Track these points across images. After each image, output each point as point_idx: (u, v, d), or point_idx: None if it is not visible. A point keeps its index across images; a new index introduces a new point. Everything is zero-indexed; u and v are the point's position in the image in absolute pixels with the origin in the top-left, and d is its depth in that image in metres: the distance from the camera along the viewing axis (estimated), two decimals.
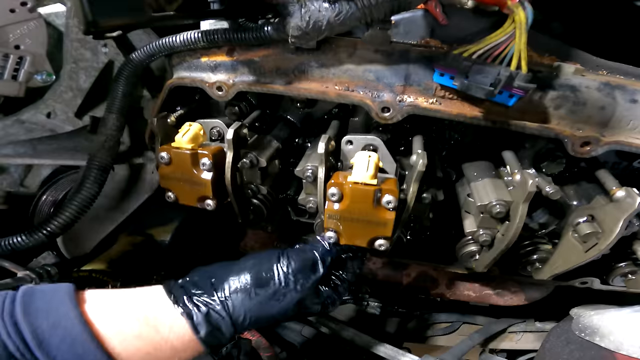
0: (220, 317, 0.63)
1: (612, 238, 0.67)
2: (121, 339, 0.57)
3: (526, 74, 0.58)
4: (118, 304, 0.61)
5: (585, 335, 0.88)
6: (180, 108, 0.88)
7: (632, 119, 0.66)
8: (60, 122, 0.82)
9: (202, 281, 0.66)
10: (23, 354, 0.50)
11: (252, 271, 0.67)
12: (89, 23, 0.57)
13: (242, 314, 0.64)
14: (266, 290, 0.66)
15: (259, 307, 0.65)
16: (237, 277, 0.66)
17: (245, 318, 0.65)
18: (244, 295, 0.65)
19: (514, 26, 0.56)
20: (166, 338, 0.60)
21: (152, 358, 0.59)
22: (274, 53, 0.77)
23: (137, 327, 0.59)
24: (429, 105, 0.71)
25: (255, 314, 0.65)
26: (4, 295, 0.54)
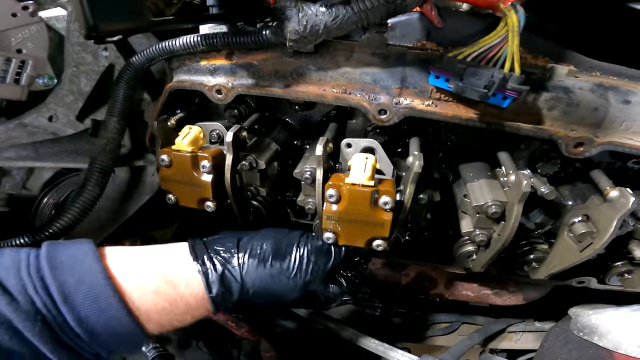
0: (234, 279, 0.64)
1: (606, 237, 0.68)
2: (140, 293, 0.58)
3: (519, 76, 0.59)
4: (138, 259, 0.62)
5: (584, 335, 0.88)
6: (180, 111, 0.89)
7: (625, 119, 0.67)
8: (61, 125, 0.83)
9: (227, 241, 0.68)
10: (49, 310, 0.51)
11: (274, 242, 0.68)
12: (90, 28, 0.58)
13: (253, 281, 0.65)
14: (281, 264, 0.67)
15: (269, 279, 0.66)
16: (260, 243, 0.68)
17: (254, 286, 0.65)
18: (259, 263, 0.65)
19: (507, 29, 0.57)
20: (182, 294, 0.61)
21: (168, 313, 0.61)
22: (273, 56, 0.78)
23: (155, 282, 0.60)
24: (425, 108, 0.72)
25: (264, 285, 0.66)
26: (27, 252, 0.55)
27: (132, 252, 0.64)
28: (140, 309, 0.58)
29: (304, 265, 0.68)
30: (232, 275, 0.65)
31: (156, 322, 0.60)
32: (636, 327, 0.82)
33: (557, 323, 1.04)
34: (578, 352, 0.90)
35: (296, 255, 0.69)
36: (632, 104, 0.67)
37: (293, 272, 0.68)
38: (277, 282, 0.67)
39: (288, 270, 0.68)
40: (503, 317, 1.29)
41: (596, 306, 1.00)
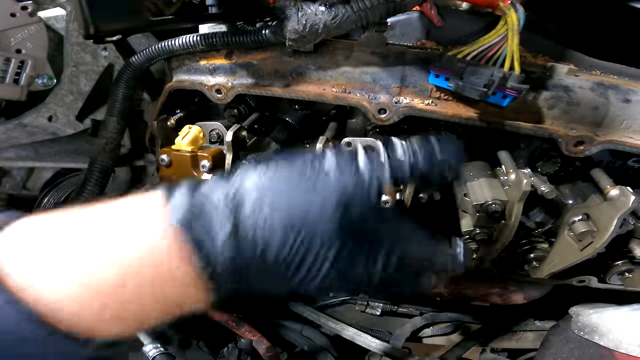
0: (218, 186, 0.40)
1: (606, 236, 0.67)
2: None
3: (519, 75, 0.59)
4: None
5: (585, 334, 0.88)
6: (180, 111, 0.89)
7: (625, 118, 0.67)
8: (61, 125, 0.83)
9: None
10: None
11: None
12: (89, 27, 0.58)
13: (253, 187, 0.39)
14: (295, 172, 0.41)
15: (282, 186, 0.40)
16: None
17: (257, 201, 0.39)
18: (262, 171, 0.41)
19: (507, 28, 0.57)
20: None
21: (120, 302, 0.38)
22: (272, 56, 0.78)
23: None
24: (424, 107, 0.71)
25: (276, 200, 0.39)
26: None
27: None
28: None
29: (332, 173, 0.41)
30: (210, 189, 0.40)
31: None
32: (637, 327, 0.82)
33: (557, 322, 1.04)
34: (579, 351, 0.90)
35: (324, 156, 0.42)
36: (633, 102, 0.67)
37: (315, 180, 0.40)
38: (297, 198, 0.39)
39: (308, 179, 0.40)
40: (504, 317, 1.29)
41: (597, 305, 1.00)
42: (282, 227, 0.39)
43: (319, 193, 0.40)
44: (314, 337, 1.24)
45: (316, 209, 0.39)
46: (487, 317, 1.31)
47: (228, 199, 0.39)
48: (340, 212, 0.40)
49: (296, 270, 0.40)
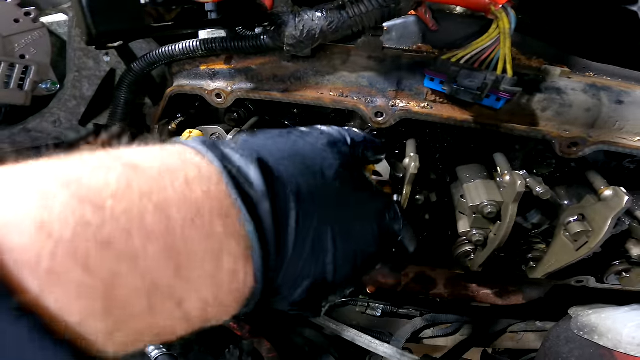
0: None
1: (601, 236, 0.68)
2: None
3: (512, 78, 0.60)
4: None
5: (584, 334, 0.89)
6: (181, 115, 0.91)
7: (618, 119, 0.68)
8: (65, 130, 0.84)
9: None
10: None
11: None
12: (91, 34, 0.59)
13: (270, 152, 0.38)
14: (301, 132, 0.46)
15: (291, 143, 0.42)
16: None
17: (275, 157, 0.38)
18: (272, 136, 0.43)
19: (499, 31, 0.58)
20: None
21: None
22: (271, 61, 0.79)
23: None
24: (420, 110, 0.73)
25: (289, 152, 0.40)
26: None
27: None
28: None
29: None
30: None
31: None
32: (635, 326, 0.82)
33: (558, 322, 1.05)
34: (579, 351, 0.90)
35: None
36: (625, 104, 0.67)
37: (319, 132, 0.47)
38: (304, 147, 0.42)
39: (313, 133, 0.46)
40: (504, 317, 1.29)
41: (596, 306, 1.00)
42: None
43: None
44: (315, 339, 1.25)
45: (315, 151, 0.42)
46: (488, 318, 1.31)
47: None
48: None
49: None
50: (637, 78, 0.71)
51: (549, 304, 1.18)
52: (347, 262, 0.42)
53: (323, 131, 0.48)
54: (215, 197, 0.32)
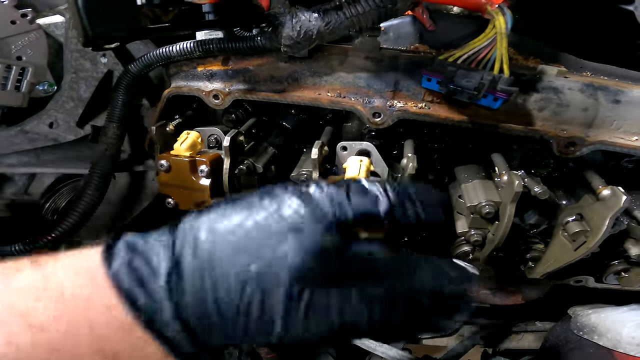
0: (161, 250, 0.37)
1: (599, 236, 0.68)
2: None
3: (508, 78, 0.60)
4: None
5: (584, 334, 0.88)
6: (179, 117, 0.91)
7: (615, 119, 0.68)
8: (62, 131, 0.84)
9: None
10: None
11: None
12: (88, 35, 0.59)
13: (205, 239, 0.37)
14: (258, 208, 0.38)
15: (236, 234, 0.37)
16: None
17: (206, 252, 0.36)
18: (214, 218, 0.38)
19: (495, 31, 0.58)
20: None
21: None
22: (268, 62, 0.79)
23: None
24: (418, 110, 0.73)
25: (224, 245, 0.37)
26: None
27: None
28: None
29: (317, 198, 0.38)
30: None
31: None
32: (634, 326, 0.82)
33: (557, 323, 1.05)
34: (579, 351, 0.90)
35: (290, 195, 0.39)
36: (622, 103, 0.67)
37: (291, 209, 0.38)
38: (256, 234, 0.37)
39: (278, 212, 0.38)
40: (504, 318, 1.29)
41: (595, 306, 1.00)
42: (234, 274, 0.36)
43: (271, 238, 0.36)
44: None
45: (268, 254, 0.36)
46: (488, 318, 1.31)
47: (169, 245, 0.38)
48: (297, 259, 0.36)
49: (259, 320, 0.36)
50: (634, 77, 0.71)
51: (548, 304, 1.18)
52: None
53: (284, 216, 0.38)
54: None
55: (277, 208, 0.38)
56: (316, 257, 0.37)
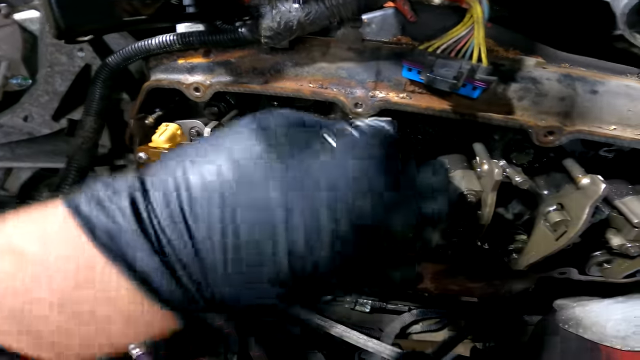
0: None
1: (580, 225, 0.69)
2: None
3: (487, 67, 0.60)
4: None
5: (569, 327, 0.89)
6: (160, 109, 0.89)
7: (593, 108, 0.68)
8: (37, 125, 0.82)
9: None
10: None
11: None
12: (60, 27, 0.58)
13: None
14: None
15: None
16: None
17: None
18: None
19: (473, 20, 0.58)
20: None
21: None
22: (250, 54, 0.78)
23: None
24: (399, 100, 0.72)
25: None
26: None
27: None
28: None
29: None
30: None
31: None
32: (619, 319, 0.82)
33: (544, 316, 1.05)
34: (564, 344, 0.90)
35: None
36: (600, 93, 0.68)
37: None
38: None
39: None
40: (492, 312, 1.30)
41: (580, 298, 1.01)
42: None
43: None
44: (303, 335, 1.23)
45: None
46: (476, 313, 1.32)
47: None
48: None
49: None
50: (611, 69, 0.72)
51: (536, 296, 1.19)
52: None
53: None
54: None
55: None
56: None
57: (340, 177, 0.34)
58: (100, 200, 0.33)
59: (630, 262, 0.82)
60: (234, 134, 0.37)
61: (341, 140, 0.36)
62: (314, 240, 0.33)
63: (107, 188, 0.35)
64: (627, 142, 0.70)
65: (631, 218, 0.73)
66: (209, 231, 0.32)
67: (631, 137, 0.69)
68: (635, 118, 0.69)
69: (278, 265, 0.33)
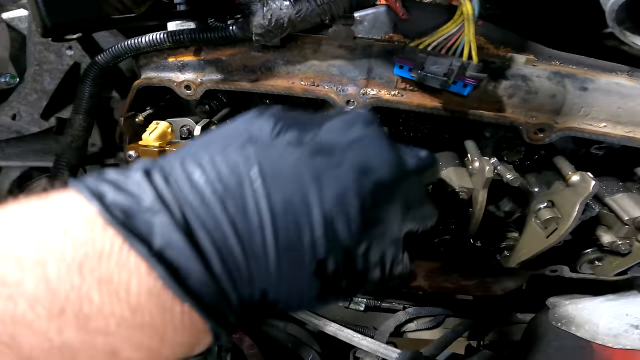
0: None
1: (570, 222, 0.69)
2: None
3: (477, 64, 0.60)
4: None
5: (562, 325, 0.89)
6: (150, 107, 0.89)
7: (583, 105, 0.69)
8: (25, 123, 0.81)
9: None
10: None
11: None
12: (46, 26, 0.57)
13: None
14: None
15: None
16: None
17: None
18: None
19: (463, 18, 0.58)
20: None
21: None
22: (241, 52, 0.78)
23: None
24: (391, 97, 0.72)
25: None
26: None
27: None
28: None
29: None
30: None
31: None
32: (611, 317, 0.83)
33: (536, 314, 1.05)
34: (557, 342, 0.91)
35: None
36: (589, 90, 0.68)
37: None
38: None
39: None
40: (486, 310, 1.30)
41: (573, 296, 1.01)
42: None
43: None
44: (298, 334, 1.23)
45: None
46: (471, 311, 1.32)
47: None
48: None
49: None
50: (601, 67, 0.72)
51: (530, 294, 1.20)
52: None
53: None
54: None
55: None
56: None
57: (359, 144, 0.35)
58: (110, 180, 0.29)
59: (621, 260, 0.83)
60: (242, 118, 0.36)
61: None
62: (346, 212, 0.31)
63: (116, 171, 0.30)
64: (617, 140, 0.70)
65: (621, 215, 0.73)
66: (242, 208, 0.28)
67: (621, 135, 0.70)
68: (625, 115, 0.70)
69: (314, 240, 0.30)
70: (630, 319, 0.79)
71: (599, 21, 0.70)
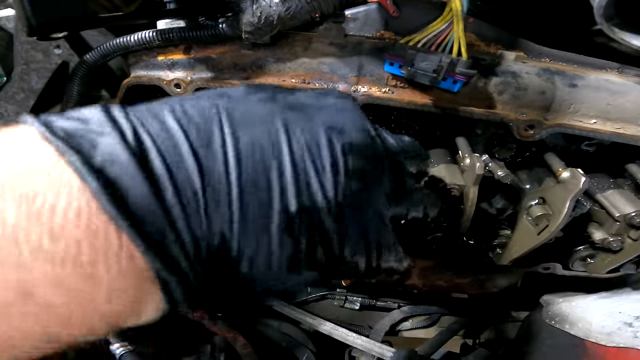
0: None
1: (561, 219, 0.69)
2: None
3: (466, 61, 0.60)
4: None
5: (556, 323, 0.89)
6: None
7: (572, 102, 0.69)
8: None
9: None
10: None
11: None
12: (31, 25, 0.57)
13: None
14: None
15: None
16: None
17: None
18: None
19: (452, 14, 0.58)
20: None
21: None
22: (231, 50, 0.77)
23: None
24: (381, 94, 0.72)
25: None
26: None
27: None
28: None
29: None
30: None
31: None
32: (604, 315, 0.83)
33: (531, 312, 1.06)
34: (550, 340, 0.91)
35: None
36: (579, 87, 0.69)
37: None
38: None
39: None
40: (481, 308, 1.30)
41: (566, 294, 1.01)
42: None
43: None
44: (292, 334, 1.23)
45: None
46: (466, 309, 1.32)
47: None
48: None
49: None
50: (591, 64, 0.72)
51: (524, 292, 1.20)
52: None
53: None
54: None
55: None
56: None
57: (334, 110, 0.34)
58: (64, 114, 0.26)
59: (613, 257, 0.83)
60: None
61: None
62: (317, 163, 0.29)
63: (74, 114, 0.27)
64: (607, 136, 0.70)
65: (612, 212, 0.73)
66: (206, 141, 0.25)
67: (611, 131, 0.70)
68: (615, 112, 0.70)
69: (283, 186, 0.27)
70: (623, 317, 0.79)
71: (588, 18, 0.71)
